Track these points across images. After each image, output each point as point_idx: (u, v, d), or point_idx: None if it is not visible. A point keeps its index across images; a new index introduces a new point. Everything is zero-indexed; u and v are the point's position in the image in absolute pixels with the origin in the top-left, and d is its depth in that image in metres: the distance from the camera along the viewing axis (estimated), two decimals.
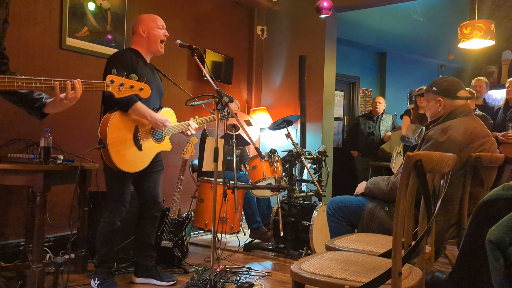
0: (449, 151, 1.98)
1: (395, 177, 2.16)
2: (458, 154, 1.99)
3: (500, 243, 0.98)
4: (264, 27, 5.21)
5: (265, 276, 2.84)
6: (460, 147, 2.02)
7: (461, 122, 2.10)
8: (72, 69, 3.25)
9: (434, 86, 2.24)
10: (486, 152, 2.07)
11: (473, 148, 2.05)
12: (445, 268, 2.76)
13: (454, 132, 2.04)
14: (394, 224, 1.27)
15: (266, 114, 4.96)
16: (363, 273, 1.39)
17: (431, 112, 2.24)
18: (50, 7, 3.11)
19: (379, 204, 2.18)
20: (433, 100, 2.24)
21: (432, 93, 2.23)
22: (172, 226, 2.95)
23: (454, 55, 7.24)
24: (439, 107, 2.20)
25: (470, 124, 2.11)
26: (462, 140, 2.03)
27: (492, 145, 2.13)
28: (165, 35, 2.59)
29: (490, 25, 4.10)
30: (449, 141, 2.02)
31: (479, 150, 2.06)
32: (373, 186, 2.24)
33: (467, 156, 2.04)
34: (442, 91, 2.20)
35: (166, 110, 2.65)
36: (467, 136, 2.05)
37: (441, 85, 2.22)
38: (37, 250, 2.35)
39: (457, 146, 2.01)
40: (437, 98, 2.21)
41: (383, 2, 4.80)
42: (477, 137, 2.08)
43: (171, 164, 3.83)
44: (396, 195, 2.05)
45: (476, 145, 2.06)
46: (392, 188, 2.12)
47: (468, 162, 2.05)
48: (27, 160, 2.45)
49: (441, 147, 2.00)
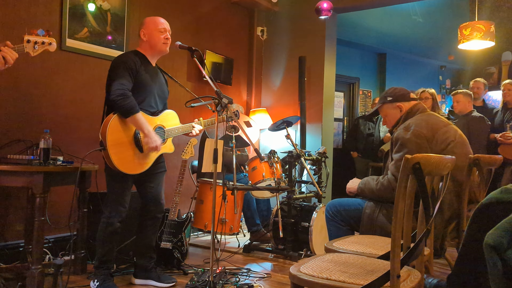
0: (418, 145, 2.08)
1: (383, 177, 2.20)
2: (428, 146, 2.08)
3: (497, 247, 0.98)
4: (264, 28, 5.22)
5: (265, 277, 2.84)
6: (426, 139, 2.09)
7: (420, 118, 2.21)
8: (72, 70, 3.25)
9: (387, 96, 2.36)
10: (453, 139, 2.14)
11: (440, 138, 2.12)
12: (445, 270, 2.76)
13: (417, 127, 2.13)
14: (393, 226, 1.28)
15: (266, 115, 4.97)
16: (362, 275, 1.40)
17: (393, 120, 2.34)
18: (50, 8, 3.11)
19: (376, 206, 2.18)
20: (392, 108, 2.34)
21: (388, 103, 2.35)
22: (172, 227, 2.95)
23: (454, 56, 7.24)
24: (400, 112, 2.31)
25: (428, 118, 2.21)
26: (427, 133, 2.11)
27: (456, 132, 2.20)
28: (167, 38, 2.57)
29: (490, 26, 4.10)
30: (415, 136, 2.10)
31: (445, 138, 2.13)
32: (364, 186, 2.28)
33: (438, 148, 2.10)
34: (397, 97, 2.33)
35: (168, 112, 2.65)
36: (429, 128, 2.13)
37: (393, 93, 2.35)
38: (36, 252, 2.36)
39: (424, 138, 2.09)
40: (395, 105, 2.32)
41: (383, 3, 4.80)
42: (438, 127, 2.15)
43: (171, 165, 3.83)
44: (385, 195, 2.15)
45: (441, 134, 2.13)
46: (381, 188, 2.16)
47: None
48: (27, 161, 2.45)
49: (410, 143, 2.09)
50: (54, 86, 3.15)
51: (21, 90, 2.96)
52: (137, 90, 2.43)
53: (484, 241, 1.00)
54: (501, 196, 1.09)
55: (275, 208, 3.43)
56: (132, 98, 2.34)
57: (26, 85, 2.98)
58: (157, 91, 2.57)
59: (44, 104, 3.08)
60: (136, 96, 2.40)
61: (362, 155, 5.69)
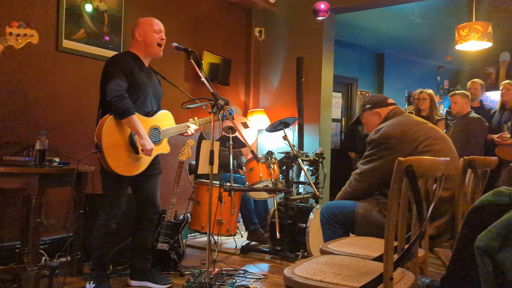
0: (388, 146, 2.13)
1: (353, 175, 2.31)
2: (398, 145, 2.13)
3: (489, 249, 0.98)
4: (262, 28, 5.21)
5: (261, 278, 2.84)
6: (396, 139, 2.14)
7: (392, 120, 2.27)
8: (68, 72, 3.25)
9: (366, 104, 2.44)
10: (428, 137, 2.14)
11: (409, 138, 2.14)
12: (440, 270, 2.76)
13: (386, 129, 2.19)
14: (386, 229, 1.27)
15: (264, 116, 4.97)
16: (356, 277, 1.39)
17: (373, 126, 2.38)
18: (47, 9, 3.10)
19: (370, 204, 2.20)
20: (371, 115, 2.41)
21: (367, 110, 2.42)
22: (168, 228, 2.95)
23: (452, 57, 7.25)
24: (380, 118, 2.37)
25: (400, 119, 2.26)
26: (396, 133, 2.15)
27: (431, 129, 2.22)
28: (162, 38, 2.57)
29: (488, 27, 4.10)
30: (384, 137, 2.16)
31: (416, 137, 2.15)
32: (343, 194, 2.36)
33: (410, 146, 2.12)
34: (375, 104, 2.40)
35: (163, 112, 2.64)
36: (399, 129, 2.17)
37: (371, 100, 2.43)
38: (32, 253, 2.35)
39: (393, 138, 2.14)
40: (374, 111, 2.39)
41: (381, 3, 4.80)
42: (408, 127, 2.19)
43: (168, 166, 3.83)
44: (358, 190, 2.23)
45: (411, 134, 2.16)
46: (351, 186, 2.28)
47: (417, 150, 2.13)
48: (23, 162, 2.45)
49: (379, 144, 2.17)
50: (51, 87, 3.14)
51: (17, 91, 2.95)
52: (132, 91, 2.43)
53: (475, 244, 1.00)
54: (493, 198, 1.09)
55: (272, 209, 3.43)
56: (128, 100, 2.34)
57: (22, 86, 2.98)
58: (152, 91, 2.57)
59: (41, 105, 3.08)
60: (131, 97, 2.39)
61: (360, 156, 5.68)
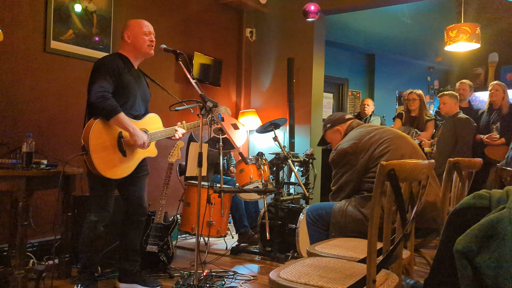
0: (345, 161, 2.28)
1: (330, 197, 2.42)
2: (354, 159, 2.26)
3: (467, 253, 0.99)
4: (253, 29, 5.22)
5: (251, 280, 2.85)
6: (350, 153, 2.27)
7: (347, 136, 2.40)
8: (56, 73, 3.22)
9: (327, 124, 2.59)
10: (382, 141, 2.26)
11: (363, 148, 2.26)
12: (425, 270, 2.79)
13: (340, 147, 2.34)
14: (369, 231, 1.28)
15: (255, 117, 4.97)
16: (340, 280, 1.40)
17: (337, 142, 2.47)
18: (34, 9, 3.08)
19: (346, 201, 2.26)
20: (333, 133, 2.57)
21: (329, 129, 2.58)
22: (158, 230, 2.94)
23: (441, 57, 7.30)
24: (340, 134, 2.51)
25: (353, 133, 2.39)
26: (349, 148, 2.28)
27: (384, 132, 2.32)
28: (151, 40, 2.56)
29: (476, 28, 4.14)
30: (340, 155, 2.31)
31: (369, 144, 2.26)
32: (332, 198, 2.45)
33: (367, 155, 2.24)
34: (334, 122, 2.55)
35: (151, 116, 2.63)
36: (351, 143, 2.30)
37: (330, 119, 2.59)
38: (19, 256, 2.33)
39: (347, 154, 2.28)
40: (334, 129, 2.54)
41: (372, 5, 4.82)
42: (360, 139, 2.31)
43: (158, 167, 3.82)
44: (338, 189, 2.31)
45: (363, 144, 2.27)
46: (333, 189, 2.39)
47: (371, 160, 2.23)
48: (10, 165, 2.43)
49: (337, 163, 2.33)
50: (38, 89, 3.12)
51: (4, 92, 2.93)
52: (121, 93, 2.42)
53: (454, 247, 1.01)
54: (473, 201, 1.11)
55: (262, 210, 3.43)
56: (112, 99, 2.32)
57: (8, 87, 2.95)
58: (140, 94, 2.56)
59: (28, 107, 3.06)
60: (119, 99, 2.38)
61: None
